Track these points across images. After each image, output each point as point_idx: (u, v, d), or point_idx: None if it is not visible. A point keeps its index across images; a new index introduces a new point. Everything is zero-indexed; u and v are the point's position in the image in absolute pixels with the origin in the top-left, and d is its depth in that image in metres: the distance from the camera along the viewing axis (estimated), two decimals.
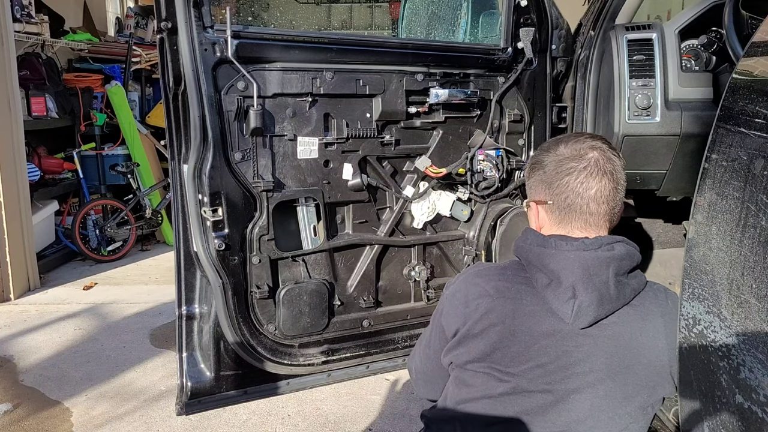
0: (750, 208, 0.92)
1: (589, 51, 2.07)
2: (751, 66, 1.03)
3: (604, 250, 1.18)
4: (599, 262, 1.16)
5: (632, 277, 1.21)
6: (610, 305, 1.16)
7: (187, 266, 1.79)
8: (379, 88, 1.85)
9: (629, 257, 1.19)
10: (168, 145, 1.71)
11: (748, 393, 0.92)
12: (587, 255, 1.17)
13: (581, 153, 1.23)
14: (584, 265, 1.16)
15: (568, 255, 1.18)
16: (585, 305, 1.15)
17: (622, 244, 1.20)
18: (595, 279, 1.15)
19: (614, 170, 1.24)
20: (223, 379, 1.85)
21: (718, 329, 0.99)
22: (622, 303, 1.18)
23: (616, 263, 1.17)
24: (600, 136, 1.34)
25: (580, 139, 1.27)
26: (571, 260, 1.17)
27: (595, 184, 1.21)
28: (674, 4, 5.67)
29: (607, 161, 1.23)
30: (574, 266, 1.16)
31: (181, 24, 1.58)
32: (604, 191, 1.22)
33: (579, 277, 1.15)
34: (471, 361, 1.25)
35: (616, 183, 1.24)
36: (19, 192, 4.16)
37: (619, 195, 1.25)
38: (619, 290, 1.17)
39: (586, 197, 1.22)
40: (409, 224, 2.04)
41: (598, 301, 1.15)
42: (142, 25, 6.28)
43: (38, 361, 3.22)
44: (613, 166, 1.23)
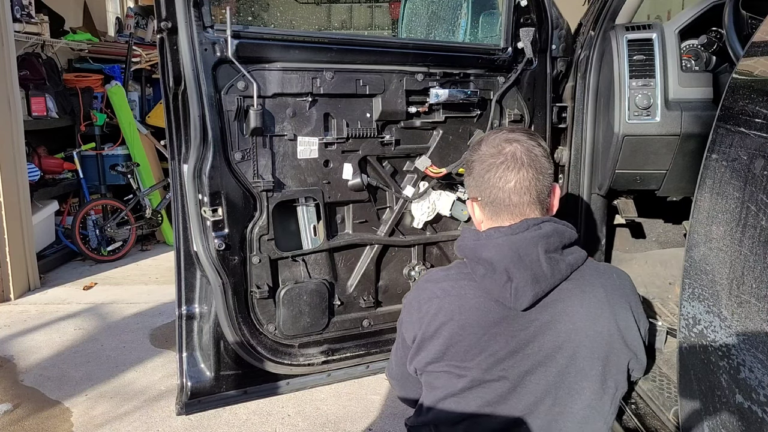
0: (750, 208, 0.92)
1: (589, 51, 2.07)
2: (751, 66, 1.03)
3: (532, 231, 1.23)
4: (527, 242, 1.21)
5: (568, 254, 1.25)
6: (545, 282, 1.20)
7: (187, 266, 1.79)
8: (379, 88, 1.85)
9: (557, 234, 1.24)
10: (168, 145, 1.71)
11: (748, 393, 0.92)
12: (515, 238, 1.23)
13: (498, 149, 1.30)
14: (513, 247, 1.22)
15: (497, 242, 1.24)
16: (521, 285, 1.19)
17: (549, 223, 1.25)
18: (525, 259, 1.20)
19: (533, 159, 1.29)
20: (223, 379, 1.85)
21: (718, 329, 0.99)
22: (559, 279, 1.22)
23: (543, 241, 1.21)
24: (520, 128, 1.44)
25: (498, 135, 1.33)
26: (501, 246, 1.23)
27: (513, 176, 1.28)
28: (674, 4, 5.67)
29: (525, 152, 1.29)
30: (504, 251, 1.22)
31: (181, 24, 1.58)
32: (524, 182, 1.28)
33: (510, 259, 1.21)
34: (430, 362, 1.31)
35: (537, 171, 1.29)
36: (19, 192, 4.16)
37: (543, 182, 1.29)
38: (552, 266, 1.21)
39: (506, 190, 1.28)
40: (409, 224, 2.04)
41: (532, 280, 1.19)
42: (142, 25, 6.28)
43: (38, 361, 3.22)
44: (531, 156, 1.29)
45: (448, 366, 1.28)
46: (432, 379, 1.32)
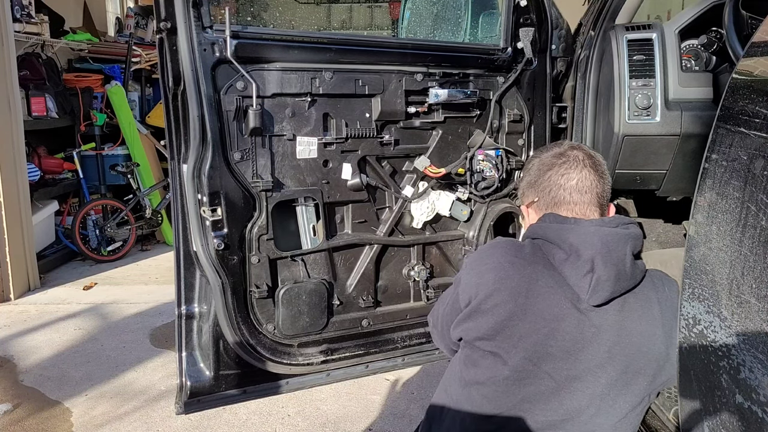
0: (750, 208, 0.91)
1: (589, 51, 2.06)
2: (751, 66, 1.03)
3: (622, 228, 1.21)
4: (618, 238, 1.19)
5: (638, 260, 1.24)
6: (625, 282, 1.19)
7: (186, 266, 1.79)
8: (379, 88, 1.85)
9: (640, 239, 1.24)
10: (168, 145, 1.71)
11: (748, 393, 0.91)
12: (606, 231, 1.20)
13: (562, 152, 1.31)
14: (604, 239, 1.18)
15: (588, 229, 1.20)
16: (603, 279, 1.16)
17: (635, 226, 1.24)
18: (613, 254, 1.17)
19: (595, 163, 1.30)
20: (223, 379, 1.84)
21: (718, 329, 0.99)
22: (634, 283, 1.21)
23: (632, 242, 1.20)
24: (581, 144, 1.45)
25: (562, 143, 1.36)
26: (591, 234, 1.19)
27: (576, 174, 1.28)
28: (674, 4, 5.66)
29: (587, 156, 1.30)
30: (594, 240, 1.18)
31: (181, 24, 1.58)
32: (585, 181, 1.28)
33: (599, 250, 1.17)
34: (480, 338, 1.25)
35: (599, 173, 1.29)
36: (19, 192, 4.16)
37: (604, 185, 1.30)
38: (633, 269, 1.20)
39: (568, 188, 1.28)
40: (408, 224, 2.04)
41: (615, 277, 1.17)
42: (142, 25, 6.28)
43: (38, 361, 3.22)
44: (593, 160, 1.30)
45: (497, 348, 1.22)
46: (478, 356, 1.26)
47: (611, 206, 1.35)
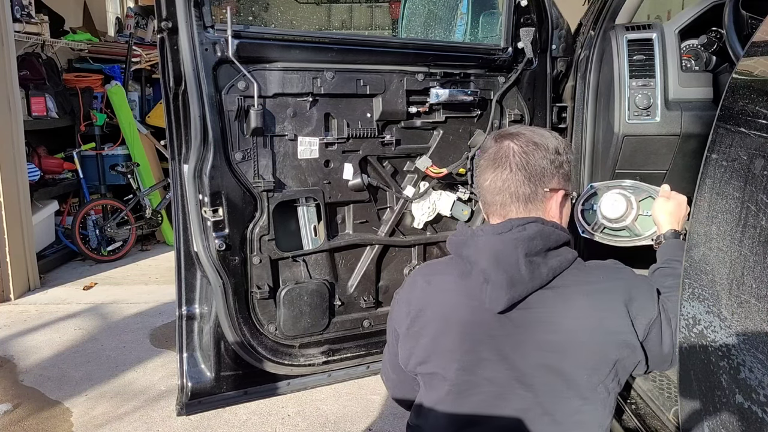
0: (750, 207, 0.92)
1: (589, 51, 2.07)
2: (751, 66, 1.03)
3: (515, 232, 1.20)
4: (507, 244, 1.19)
5: (552, 257, 1.20)
6: (522, 286, 1.17)
7: (187, 266, 1.79)
8: (380, 88, 1.85)
9: (541, 236, 1.20)
10: (168, 145, 1.71)
11: (748, 393, 0.92)
12: (496, 239, 1.21)
13: (492, 144, 1.33)
14: (493, 248, 1.20)
15: (478, 241, 1.23)
16: (497, 287, 1.17)
17: (535, 224, 1.22)
18: (503, 261, 1.18)
19: (523, 158, 1.27)
20: (224, 380, 1.85)
21: (718, 329, 0.99)
22: (539, 283, 1.18)
23: (525, 243, 1.18)
24: (517, 127, 1.43)
25: (502, 132, 1.36)
26: (482, 245, 1.22)
27: (490, 174, 1.29)
28: (674, 4, 5.66)
29: (516, 151, 1.28)
30: (484, 251, 1.21)
31: (182, 24, 1.58)
32: (497, 181, 1.28)
33: (489, 260, 1.19)
34: (420, 363, 1.30)
35: (525, 171, 1.27)
36: (19, 192, 4.16)
37: (528, 184, 1.27)
38: (531, 271, 1.17)
39: (485, 189, 1.31)
40: (409, 224, 2.04)
41: (508, 283, 1.17)
42: (142, 25, 6.28)
43: (38, 361, 3.22)
44: (522, 154, 1.28)
45: (436, 367, 1.27)
46: (427, 379, 1.31)
47: (554, 197, 1.30)
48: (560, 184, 1.31)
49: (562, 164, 1.31)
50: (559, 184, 1.31)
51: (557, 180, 1.30)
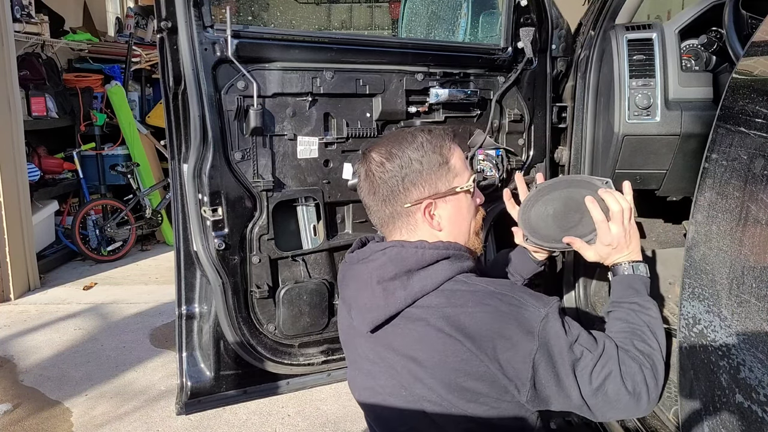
0: (750, 207, 0.92)
1: (589, 51, 2.06)
2: (751, 66, 1.03)
3: (372, 259, 1.21)
4: (363, 271, 1.21)
5: (417, 279, 1.14)
6: (380, 311, 1.16)
7: (187, 266, 1.79)
8: (379, 87, 1.85)
9: (393, 262, 1.16)
10: (168, 145, 1.71)
11: (748, 392, 0.92)
12: (356, 267, 1.25)
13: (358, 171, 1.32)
14: (353, 276, 1.25)
15: (344, 269, 1.31)
16: (359, 313, 1.21)
17: (392, 249, 1.19)
18: (361, 288, 1.20)
19: (363, 182, 1.27)
20: (223, 379, 1.85)
21: (718, 329, 0.99)
22: (394, 309, 1.14)
23: (377, 271, 1.17)
24: (384, 137, 1.36)
25: (366, 152, 1.30)
26: (345, 273, 1.29)
27: (361, 196, 1.29)
28: (674, 4, 5.67)
29: (363, 172, 1.26)
30: (347, 278, 1.28)
31: (181, 23, 1.58)
32: (360, 179, 1.28)
33: (351, 288, 1.25)
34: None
35: (367, 192, 1.26)
36: (19, 192, 4.16)
37: (377, 202, 1.24)
38: (386, 297, 1.15)
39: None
40: None
41: (366, 309, 1.18)
42: (142, 25, 6.28)
43: (38, 361, 3.22)
44: (362, 177, 1.27)
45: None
46: None
47: (418, 210, 1.22)
48: (423, 194, 1.21)
49: (421, 172, 1.20)
50: (422, 193, 1.21)
51: (417, 191, 1.21)
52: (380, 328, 1.18)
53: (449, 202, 1.24)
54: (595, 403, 1.09)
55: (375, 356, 1.23)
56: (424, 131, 1.25)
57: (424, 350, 1.13)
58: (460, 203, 1.25)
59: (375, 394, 1.26)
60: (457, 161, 1.25)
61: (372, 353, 1.24)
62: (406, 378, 1.17)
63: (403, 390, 1.18)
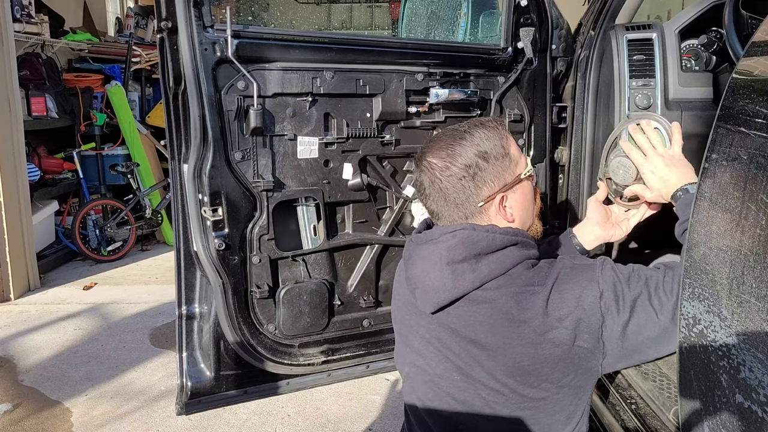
0: (750, 207, 0.92)
1: (589, 51, 2.06)
2: (751, 66, 1.03)
3: (441, 241, 1.20)
4: (432, 252, 1.20)
5: (486, 262, 1.16)
6: (446, 293, 1.17)
7: (187, 266, 1.79)
8: (380, 87, 1.85)
9: (464, 244, 1.17)
10: (168, 145, 1.71)
11: (748, 393, 0.92)
12: (425, 247, 1.23)
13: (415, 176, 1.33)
14: (421, 255, 1.22)
15: (410, 248, 1.27)
16: (423, 291, 1.20)
17: (463, 232, 1.19)
18: (429, 269, 1.19)
19: (427, 191, 1.26)
20: (223, 379, 1.85)
21: (718, 329, 0.99)
22: (463, 291, 1.17)
23: (447, 252, 1.17)
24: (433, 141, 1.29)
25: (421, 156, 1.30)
26: (412, 252, 1.26)
27: (424, 202, 1.29)
28: (674, 4, 5.66)
29: (428, 183, 1.25)
30: (414, 257, 1.24)
31: (181, 23, 1.58)
32: (423, 188, 1.27)
33: (418, 267, 1.22)
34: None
35: (434, 200, 1.25)
36: (19, 192, 4.16)
37: (450, 209, 1.23)
38: (454, 279, 1.16)
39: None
40: (409, 224, 2.04)
41: (432, 289, 1.19)
42: (142, 25, 6.29)
43: (38, 361, 3.22)
44: (425, 188, 1.26)
45: (398, 346, 1.38)
46: None
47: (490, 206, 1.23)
48: (494, 188, 1.22)
49: (487, 168, 1.21)
50: (493, 188, 1.22)
51: (488, 187, 1.22)
52: (443, 309, 1.20)
53: (517, 191, 1.26)
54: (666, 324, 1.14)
55: (431, 336, 1.24)
56: (478, 125, 1.25)
57: (488, 333, 1.16)
58: (525, 189, 1.28)
59: (422, 372, 1.27)
60: (515, 149, 1.27)
61: (428, 333, 1.24)
62: (464, 360, 1.19)
63: (457, 374, 1.21)
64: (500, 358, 1.16)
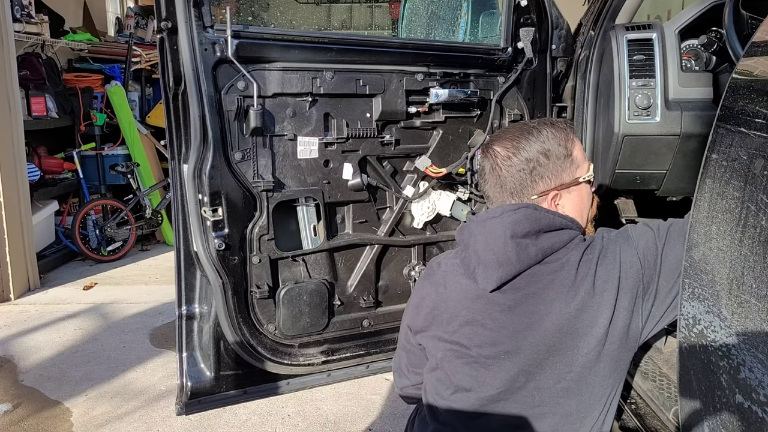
0: (750, 207, 0.92)
1: (589, 51, 2.07)
2: (751, 66, 1.03)
3: (504, 217, 1.23)
4: (496, 227, 1.22)
5: (545, 239, 1.21)
6: (510, 267, 1.20)
7: (187, 266, 1.79)
8: (379, 87, 1.85)
9: (529, 219, 1.21)
10: (168, 145, 1.71)
11: (748, 393, 0.92)
12: (488, 223, 1.24)
13: (484, 162, 1.37)
14: (484, 231, 1.24)
15: (471, 226, 1.28)
16: (485, 268, 1.21)
17: (526, 209, 1.23)
18: (492, 243, 1.21)
19: (488, 175, 1.32)
20: (223, 379, 1.85)
21: (718, 329, 0.99)
22: (527, 263, 1.21)
23: (511, 226, 1.20)
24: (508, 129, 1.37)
25: (492, 143, 1.36)
26: (474, 229, 1.26)
27: (485, 187, 1.36)
28: (674, 4, 5.67)
29: (493, 167, 1.32)
30: (476, 234, 1.25)
31: (181, 24, 1.58)
32: (490, 193, 1.33)
33: (480, 242, 1.23)
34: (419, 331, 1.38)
35: (494, 184, 1.32)
36: (19, 192, 4.16)
37: (505, 194, 1.30)
38: (518, 252, 1.20)
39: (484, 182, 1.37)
40: (409, 224, 2.04)
41: (497, 263, 1.20)
42: (142, 25, 6.28)
43: (38, 361, 3.22)
44: (488, 171, 1.33)
45: (433, 335, 1.33)
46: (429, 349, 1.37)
47: (546, 198, 1.29)
48: (549, 185, 1.28)
49: (548, 165, 1.27)
50: (549, 185, 1.28)
51: (544, 183, 1.28)
52: (503, 287, 1.22)
53: (572, 192, 1.31)
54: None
55: (484, 318, 1.25)
56: (547, 124, 1.31)
57: (548, 303, 1.20)
58: (582, 192, 1.33)
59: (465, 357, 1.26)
60: (579, 153, 1.32)
61: (481, 316, 1.25)
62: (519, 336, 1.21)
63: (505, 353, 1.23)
64: (553, 325, 1.19)
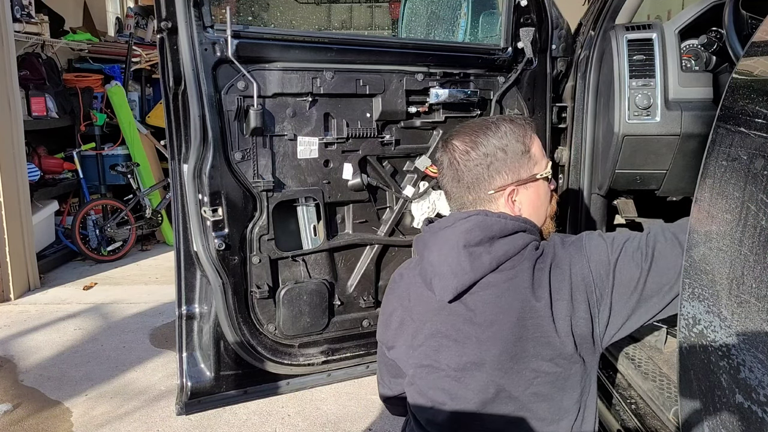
0: (750, 207, 0.92)
1: (589, 51, 2.07)
2: (751, 66, 1.03)
3: (457, 225, 1.22)
4: (448, 237, 1.22)
5: (500, 245, 1.20)
6: (465, 276, 1.19)
7: (187, 266, 1.79)
8: (379, 87, 1.85)
9: (479, 227, 1.20)
10: (168, 145, 1.71)
11: (748, 393, 0.92)
12: (440, 234, 1.24)
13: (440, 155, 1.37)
14: (437, 242, 1.24)
15: (425, 236, 1.28)
16: (441, 278, 1.21)
17: (477, 216, 1.23)
18: (446, 254, 1.21)
19: (446, 169, 1.32)
20: (223, 379, 1.85)
21: (718, 329, 0.99)
22: (481, 273, 1.20)
23: (464, 235, 1.20)
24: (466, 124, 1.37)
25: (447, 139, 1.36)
26: (428, 240, 1.27)
27: (442, 180, 1.35)
28: (674, 4, 5.66)
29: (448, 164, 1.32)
30: (430, 245, 1.25)
31: (181, 24, 1.58)
32: (446, 188, 1.33)
33: (434, 253, 1.23)
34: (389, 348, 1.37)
35: (450, 178, 1.31)
36: (19, 192, 4.16)
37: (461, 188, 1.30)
38: (472, 261, 1.19)
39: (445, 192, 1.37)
40: (409, 224, 2.04)
41: (451, 274, 1.20)
42: (142, 25, 6.29)
43: (38, 361, 3.22)
44: (445, 165, 1.32)
45: (403, 350, 1.32)
46: (401, 365, 1.36)
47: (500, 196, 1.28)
48: (506, 180, 1.27)
49: (505, 160, 1.27)
50: (506, 180, 1.27)
51: (501, 178, 1.27)
52: (460, 297, 1.21)
53: (530, 188, 1.30)
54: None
55: (447, 329, 1.24)
56: (506, 120, 1.32)
57: (506, 313, 1.18)
58: (539, 189, 1.32)
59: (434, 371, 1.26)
60: (537, 149, 1.32)
61: (443, 326, 1.25)
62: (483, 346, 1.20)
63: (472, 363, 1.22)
64: (513, 334, 1.18)
